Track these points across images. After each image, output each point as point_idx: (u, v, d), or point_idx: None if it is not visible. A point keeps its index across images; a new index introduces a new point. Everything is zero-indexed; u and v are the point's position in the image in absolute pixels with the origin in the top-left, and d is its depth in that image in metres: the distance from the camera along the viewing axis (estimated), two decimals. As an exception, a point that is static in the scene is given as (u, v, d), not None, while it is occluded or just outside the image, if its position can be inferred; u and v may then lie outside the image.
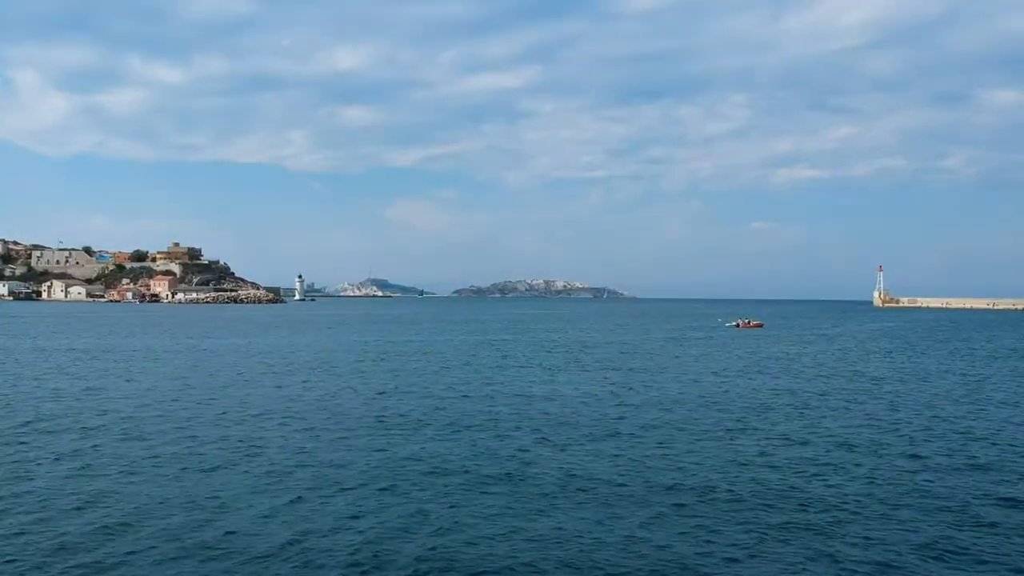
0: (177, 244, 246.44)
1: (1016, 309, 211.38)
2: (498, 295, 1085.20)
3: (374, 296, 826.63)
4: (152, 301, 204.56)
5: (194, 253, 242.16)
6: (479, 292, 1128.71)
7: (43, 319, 79.87)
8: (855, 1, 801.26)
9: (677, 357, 36.78)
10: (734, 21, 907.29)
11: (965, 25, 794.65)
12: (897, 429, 18.42)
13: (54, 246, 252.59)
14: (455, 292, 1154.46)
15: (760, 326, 75.63)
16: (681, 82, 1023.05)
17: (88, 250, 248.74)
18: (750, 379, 28.64)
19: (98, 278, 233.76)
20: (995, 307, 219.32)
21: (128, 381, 26.37)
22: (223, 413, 19.73)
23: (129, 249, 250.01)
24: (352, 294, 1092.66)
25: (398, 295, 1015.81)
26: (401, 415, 19.63)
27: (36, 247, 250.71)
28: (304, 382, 26.49)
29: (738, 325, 76.68)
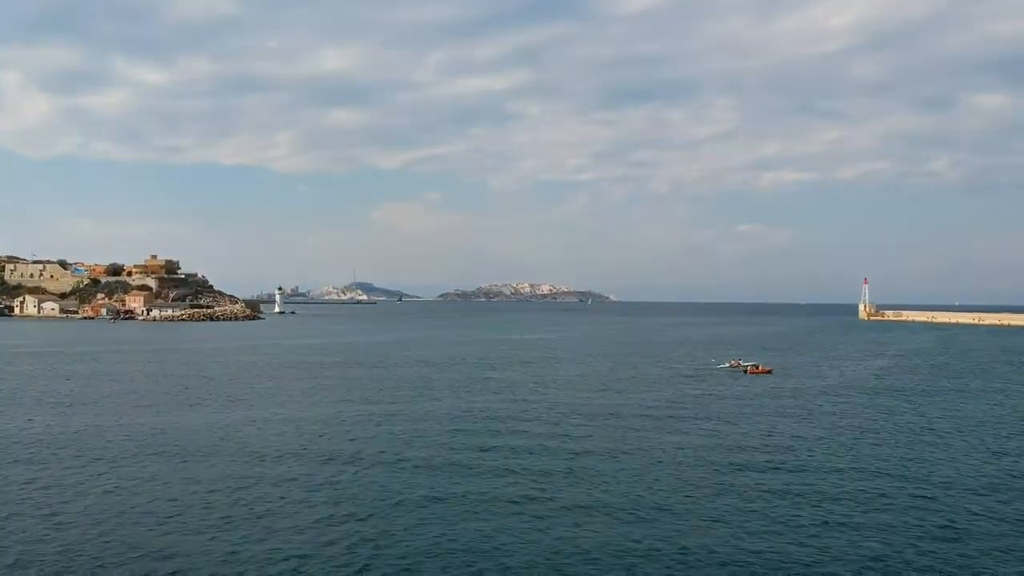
0: (154, 257, 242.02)
1: (1001, 325, 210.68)
2: (484, 299, 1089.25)
3: (357, 301, 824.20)
4: (127, 318, 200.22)
5: (171, 266, 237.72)
6: (465, 296, 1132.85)
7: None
8: (844, 5, 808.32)
9: (638, 453, 33.80)
10: (723, 24, 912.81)
11: (951, 29, 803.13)
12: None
13: (28, 258, 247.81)
14: (440, 296, 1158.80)
15: (769, 372, 71.04)
16: (669, 85, 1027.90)
17: (63, 263, 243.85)
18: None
19: (72, 292, 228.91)
20: (981, 323, 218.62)
21: None
22: None
23: (106, 261, 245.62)
24: (336, 298, 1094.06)
25: (382, 299, 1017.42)
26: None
27: (10, 259, 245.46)
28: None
29: (745, 371, 70.70)
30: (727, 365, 76.92)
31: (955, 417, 44.72)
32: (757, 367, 72.23)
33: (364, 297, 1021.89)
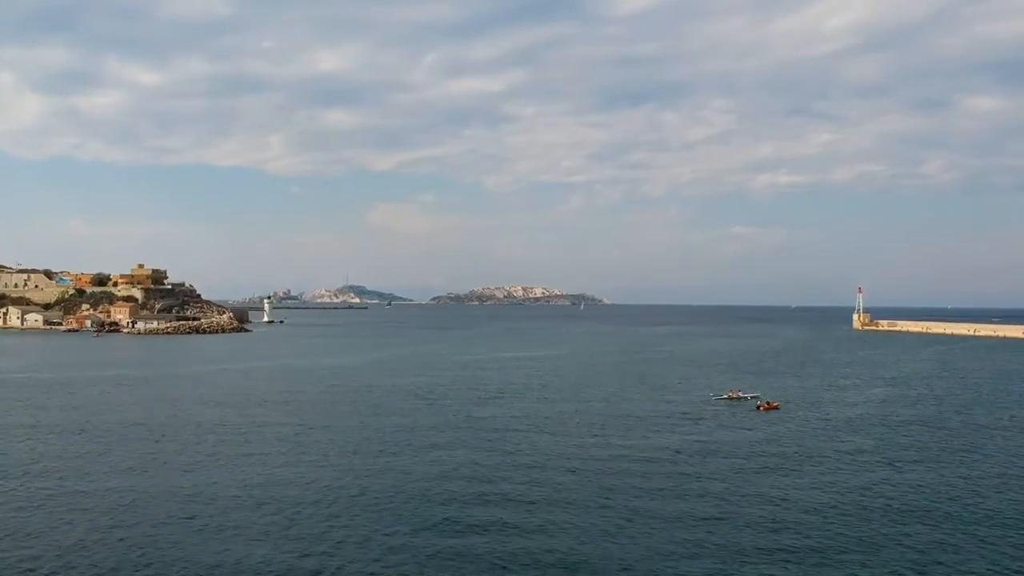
0: (141, 266, 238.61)
1: (996, 336, 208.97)
2: (476, 303, 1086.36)
3: (349, 305, 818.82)
4: (112, 330, 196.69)
5: (158, 276, 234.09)
6: (457, 299, 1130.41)
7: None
8: (841, 6, 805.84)
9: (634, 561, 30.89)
10: (720, 25, 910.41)
11: (948, 31, 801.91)
12: None
13: (13, 266, 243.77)
14: (433, 299, 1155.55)
15: (777, 408, 67.92)
16: (665, 87, 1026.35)
17: (48, 273, 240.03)
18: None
19: (57, 303, 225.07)
20: (976, 334, 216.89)
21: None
22: None
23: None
24: (329, 300, 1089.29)
25: (374, 301, 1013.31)
26: None
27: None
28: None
29: (758, 407, 67.52)
30: (725, 396, 74.41)
31: (970, 476, 42.15)
32: (769, 403, 69.34)
33: (357, 300, 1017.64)
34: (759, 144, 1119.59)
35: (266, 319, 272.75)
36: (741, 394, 75.26)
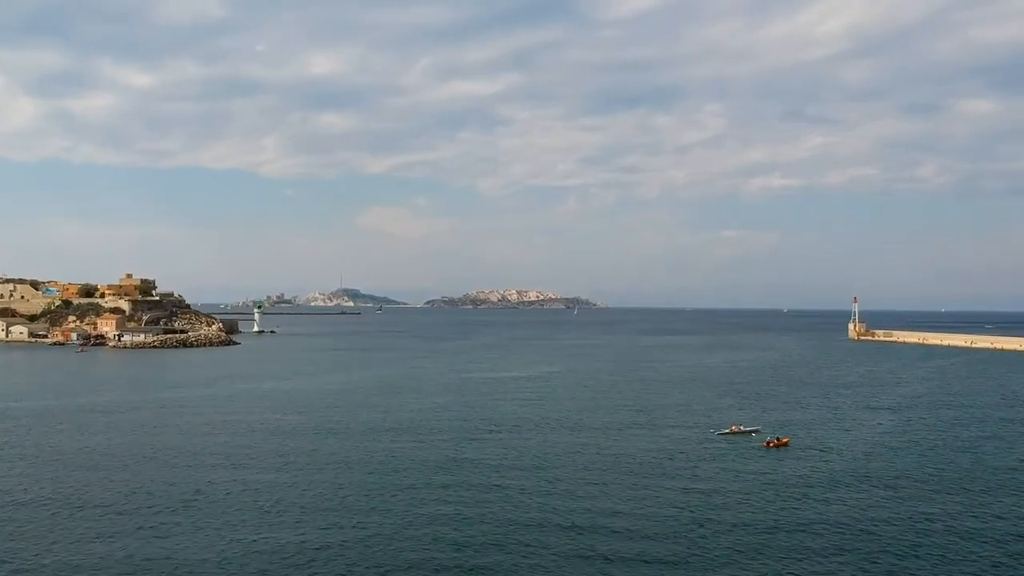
0: (129, 276, 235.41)
1: (993, 348, 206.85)
2: (471, 306, 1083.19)
3: (342, 310, 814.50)
4: (97, 343, 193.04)
5: (146, 287, 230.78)
6: (451, 303, 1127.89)
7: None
8: (834, 10, 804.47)
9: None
10: (714, 29, 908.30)
11: (941, 35, 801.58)
12: None
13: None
14: (427, 303, 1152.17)
15: (786, 444, 65.38)
16: (658, 90, 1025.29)
17: (34, 283, 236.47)
18: None
19: (43, 314, 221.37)
20: (973, 346, 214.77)
21: None
22: None
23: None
24: (323, 304, 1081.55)
25: (369, 305, 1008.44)
26: None
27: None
28: None
29: (768, 443, 65.09)
30: (728, 431, 71.70)
31: (988, 540, 39.53)
32: (778, 440, 66.56)
33: (350, 304, 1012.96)
34: (752, 148, 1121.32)
35: (256, 329, 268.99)
36: (744, 428, 72.60)
